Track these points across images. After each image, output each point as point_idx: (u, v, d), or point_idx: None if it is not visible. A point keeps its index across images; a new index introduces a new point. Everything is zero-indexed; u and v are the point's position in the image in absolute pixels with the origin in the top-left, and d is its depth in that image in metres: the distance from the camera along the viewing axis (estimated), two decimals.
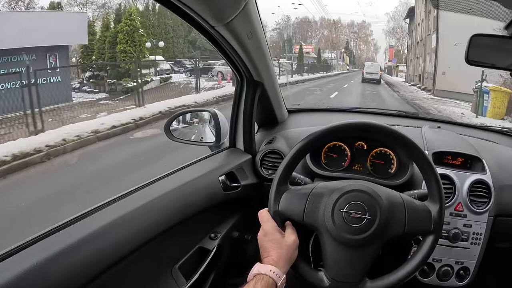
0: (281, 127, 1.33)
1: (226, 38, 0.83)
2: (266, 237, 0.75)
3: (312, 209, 0.76)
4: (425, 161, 0.80)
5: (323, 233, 0.75)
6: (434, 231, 0.78)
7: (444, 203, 0.79)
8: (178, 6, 0.68)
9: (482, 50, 0.88)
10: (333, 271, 0.75)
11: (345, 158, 1.17)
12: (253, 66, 0.99)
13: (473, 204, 1.07)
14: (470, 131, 1.47)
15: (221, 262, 1.01)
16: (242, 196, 1.05)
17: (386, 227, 0.74)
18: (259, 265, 0.71)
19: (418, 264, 0.77)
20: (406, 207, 0.77)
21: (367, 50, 47.34)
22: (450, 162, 1.14)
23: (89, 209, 0.73)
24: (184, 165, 1.00)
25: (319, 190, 0.78)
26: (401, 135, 0.80)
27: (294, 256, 0.76)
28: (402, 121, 1.50)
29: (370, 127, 0.82)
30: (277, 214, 0.77)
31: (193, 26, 0.78)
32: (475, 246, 1.08)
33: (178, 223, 0.84)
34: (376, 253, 0.76)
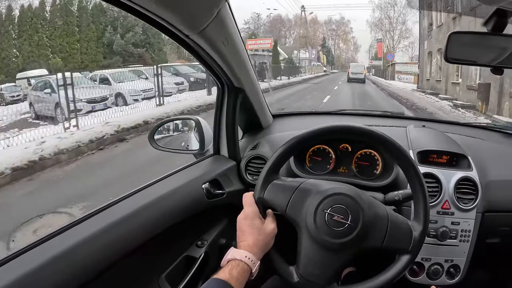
0: (265, 132, 1.31)
1: (201, 46, 0.82)
2: (246, 221, 0.75)
3: (296, 203, 0.76)
4: (417, 179, 0.79)
5: (302, 229, 0.75)
6: (411, 251, 0.76)
7: (427, 226, 0.78)
8: (149, 16, 0.67)
9: (461, 47, 0.86)
10: (303, 269, 0.75)
11: (329, 161, 1.16)
12: (232, 73, 0.97)
13: (460, 202, 1.06)
14: (455, 128, 1.46)
15: (209, 270, 0.99)
16: (228, 203, 1.04)
17: (365, 236, 0.74)
18: (233, 250, 0.71)
19: (387, 280, 0.76)
20: (389, 222, 0.76)
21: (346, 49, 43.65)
22: (435, 160, 1.13)
23: (72, 221, 0.71)
24: (168, 174, 0.99)
25: (307, 186, 0.78)
26: (391, 141, 0.80)
27: (270, 244, 0.76)
28: (388, 122, 1.50)
29: (352, 130, 0.81)
30: (261, 201, 0.78)
31: (168, 35, 0.76)
32: (464, 243, 1.07)
33: (163, 232, 0.83)
34: (349, 260, 0.75)
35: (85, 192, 3.75)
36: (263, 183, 0.78)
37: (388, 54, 27.71)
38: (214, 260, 1.02)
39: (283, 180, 0.80)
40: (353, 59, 41.30)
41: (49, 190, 4.20)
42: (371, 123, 1.34)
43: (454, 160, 1.13)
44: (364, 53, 41.40)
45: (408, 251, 0.76)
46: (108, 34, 19.29)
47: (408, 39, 31.98)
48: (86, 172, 4.74)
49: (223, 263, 0.69)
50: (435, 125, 1.44)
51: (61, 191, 4.05)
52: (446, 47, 0.82)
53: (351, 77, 22.58)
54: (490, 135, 1.45)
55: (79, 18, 18.21)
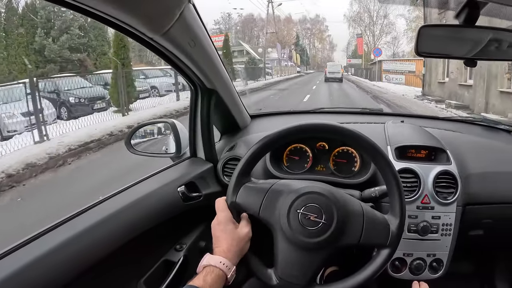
0: (243, 133, 1.30)
1: (167, 48, 0.80)
2: (219, 226, 0.74)
3: (268, 205, 0.74)
4: (392, 174, 0.78)
5: (277, 231, 0.73)
6: (389, 245, 0.75)
7: (404, 219, 0.77)
8: (110, 20, 0.65)
9: (433, 41, 0.85)
10: (282, 271, 0.73)
11: (307, 159, 1.15)
12: (202, 74, 0.95)
13: (440, 196, 1.05)
14: (434, 123, 1.47)
15: (189, 274, 0.98)
16: (205, 205, 1.01)
17: (341, 234, 0.72)
18: (209, 256, 0.70)
19: (368, 276, 0.75)
20: (365, 217, 0.74)
21: (322, 49, 42.58)
22: (414, 155, 1.13)
23: (46, 227, 0.70)
24: (143, 178, 0.97)
25: (278, 187, 0.76)
26: (361, 137, 0.78)
27: (246, 248, 0.74)
28: (367, 118, 1.49)
29: (323, 128, 0.79)
30: (233, 205, 0.76)
31: (132, 38, 0.74)
32: (446, 237, 1.06)
33: (140, 237, 0.82)
34: (327, 258, 0.74)
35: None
36: (235, 187, 0.77)
37: (375, 49, 25.29)
38: (194, 263, 0.99)
39: (255, 183, 0.79)
40: (329, 59, 40.32)
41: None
42: (350, 120, 1.34)
43: (432, 154, 1.13)
44: (340, 52, 40.65)
45: (386, 246, 0.75)
46: (38, 38, 15.70)
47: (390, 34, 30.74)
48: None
49: (198, 269, 0.68)
50: (414, 120, 1.44)
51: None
52: (416, 40, 0.80)
53: (329, 76, 22.74)
54: (469, 128, 1.46)
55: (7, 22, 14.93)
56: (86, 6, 0.58)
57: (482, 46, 0.90)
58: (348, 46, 37.55)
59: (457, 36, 0.88)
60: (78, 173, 4.75)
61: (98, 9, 0.60)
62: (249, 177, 0.79)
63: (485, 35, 0.90)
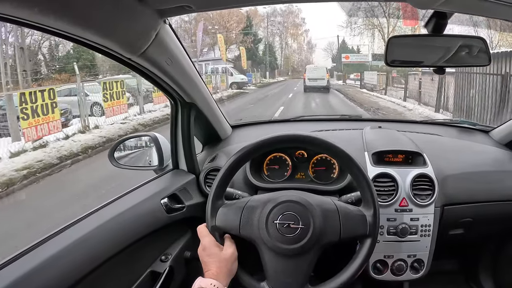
0: (224, 143, 1.30)
1: (145, 67, 0.81)
2: (205, 252, 0.75)
3: (247, 222, 0.75)
4: (353, 165, 0.79)
5: (260, 244, 0.75)
6: (370, 234, 0.77)
7: (377, 206, 0.78)
8: (87, 42, 0.65)
9: (403, 50, 0.86)
10: (273, 281, 0.74)
11: (286, 168, 1.16)
12: (181, 89, 0.96)
13: (417, 198, 1.06)
14: (412, 126, 1.48)
15: (175, 284, 0.98)
16: (189, 217, 1.02)
17: (321, 234, 0.73)
18: (200, 279, 0.70)
19: (357, 268, 0.76)
20: (340, 214, 0.76)
21: (299, 49, 30.45)
22: (391, 160, 1.14)
23: (32, 244, 0.70)
24: (127, 191, 0.97)
25: (253, 203, 0.77)
26: (325, 142, 0.79)
27: (234, 268, 0.76)
28: (345, 125, 1.49)
29: (296, 139, 0.80)
30: (214, 229, 0.77)
31: (110, 58, 0.75)
32: (425, 237, 1.07)
33: (125, 249, 0.82)
34: (314, 260, 0.75)
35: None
36: (211, 211, 0.77)
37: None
38: (180, 274, 1.00)
39: (230, 204, 0.80)
40: (307, 62, 28.66)
41: None
42: (329, 127, 1.34)
43: (409, 158, 1.14)
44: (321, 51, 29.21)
45: (367, 235, 0.77)
46: None
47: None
48: None
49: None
50: (391, 125, 1.45)
51: None
52: (386, 50, 0.82)
53: (309, 84, 15.71)
54: (447, 131, 1.47)
55: None
56: (65, 32, 0.59)
57: (452, 53, 0.91)
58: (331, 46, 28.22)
59: (426, 44, 0.90)
60: None
61: (76, 34, 0.60)
62: (223, 200, 0.80)
63: (455, 43, 0.91)
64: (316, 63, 23.95)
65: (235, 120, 1.46)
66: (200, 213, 0.79)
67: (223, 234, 0.78)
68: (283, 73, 29.86)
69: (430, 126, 1.53)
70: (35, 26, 0.55)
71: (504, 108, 6.05)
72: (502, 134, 1.36)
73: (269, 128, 1.55)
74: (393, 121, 1.70)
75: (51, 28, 0.56)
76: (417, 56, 0.89)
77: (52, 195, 3.89)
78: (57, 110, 5.80)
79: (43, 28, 0.56)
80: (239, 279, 0.76)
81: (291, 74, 29.53)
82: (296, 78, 26.31)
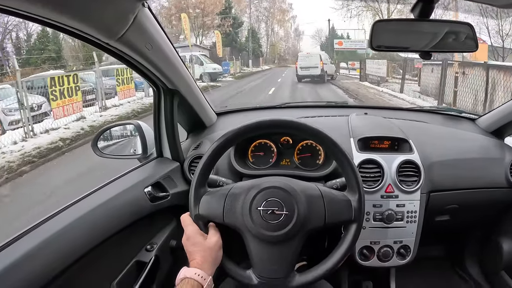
0: (209, 131, 1.28)
1: (124, 52, 0.77)
2: (189, 241, 0.74)
3: (230, 209, 0.74)
4: (338, 150, 0.77)
5: (244, 232, 0.74)
6: (355, 219, 0.76)
7: (362, 191, 0.77)
8: (63, 27, 0.63)
9: (389, 35, 0.84)
10: (259, 269, 0.74)
11: (272, 154, 1.15)
12: (163, 75, 0.93)
13: (403, 184, 1.06)
14: (398, 113, 1.48)
15: (162, 273, 0.97)
16: (174, 205, 1.01)
17: (305, 220, 0.73)
18: (185, 269, 0.70)
19: (343, 254, 0.76)
20: (325, 199, 0.75)
21: (286, 37, 29.16)
22: (377, 146, 1.13)
23: (13, 237, 0.68)
24: (109, 180, 0.95)
25: (236, 190, 0.76)
26: (309, 127, 0.77)
27: (219, 256, 0.75)
28: (331, 112, 1.49)
29: (280, 124, 0.78)
30: (198, 217, 0.76)
31: (88, 43, 0.71)
32: (412, 224, 1.08)
33: (110, 239, 0.81)
34: (299, 246, 0.74)
35: None
36: (194, 200, 0.76)
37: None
38: (166, 263, 0.99)
39: (213, 191, 0.78)
40: (295, 49, 27.47)
41: None
42: (315, 114, 1.33)
43: (395, 144, 1.14)
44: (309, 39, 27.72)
45: (352, 220, 0.76)
46: None
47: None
48: None
49: (176, 283, 0.69)
50: (377, 112, 1.45)
51: None
52: (371, 35, 0.80)
53: (301, 74, 14.87)
54: (433, 118, 1.47)
55: None
56: (39, 16, 0.56)
57: (439, 39, 0.90)
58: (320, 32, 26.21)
59: (412, 29, 0.88)
60: None
61: (51, 19, 0.58)
62: (206, 187, 0.78)
63: (442, 28, 0.90)
64: (305, 50, 21.30)
65: (220, 107, 1.43)
66: (185, 201, 0.78)
67: (207, 223, 0.77)
68: (269, 61, 27.78)
69: (417, 113, 1.52)
70: (8, 11, 0.52)
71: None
72: (489, 122, 1.36)
73: (254, 115, 1.53)
74: (379, 108, 1.70)
75: (25, 12, 0.54)
76: (403, 41, 0.87)
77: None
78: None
79: (16, 13, 0.54)
80: (225, 268, 0.75)
81: (278, 62, 27.85)
82: (283, 67, 24.66)
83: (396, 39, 0.86)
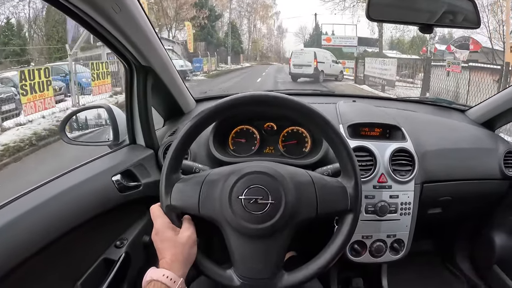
0: (187, 117, 1.18)
1: (87, 13, 0.65)
2: (158, 236, 0.64)
3: (207, 199, 0.63)
4: (332, 130, 0.66)
5: (224, 225, 0.63)
6: (351, 209, 0.66)
7: (359, 176, 0.67)
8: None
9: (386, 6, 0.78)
10: (241, 268, 0.63)
11: (254, 141, 1.06)
12: (134, 48, 0.81)
13: (397, 174, 0.99)
14: (386, 103, 1.44)
15: (132, 272, 0.87)
16: (146, 196, 0.90)
17: (294, 211, 0.62)
18: (152, 270, 0.60)
19: (339, 248, 0.66)
20: (316, 185, 0.65)
21: (269, 34, 27.97)
22: (368, 133, 1.06)
23: None
24: (72, 168, 0.84)
25: (213, 177, 0.66)
26: (297, 103, 0.65)
27: (192, 254, 0.64)
28: (318, 99, 1.42)
29: (262, 100, 0.66)
30: (169, 209, 0.65)
31: (47, 2, 0.61)
32: (406, 216, 1.01)
33: (72, 233, 0.70)
34: (287, 241, 0.64)
35: None
36: (166, 188, 0.65)
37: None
38: (138, 261, 0.90)
39: (187, 179, 0.67)
40: (277, 47, 26.87)
41: None
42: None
43: (387, 132, 1.07)
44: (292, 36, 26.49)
45: (348, 210, 0.66)
46: None
47: None
48: None
49: (143, 286, 0.60)
50: (366, 101, 1.40)
51: None
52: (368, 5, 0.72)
53: (294, 72, 13.67)
54: (422, 108, 1.43)
55: None
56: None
57: (441, 14, 0.84)
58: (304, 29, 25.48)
59: (413, 2, 0.82)
60: None
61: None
62: (179, 174, 0.68)
63: (443, 3, 0.84)
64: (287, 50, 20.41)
65: (200, 93, 1.33)
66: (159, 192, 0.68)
67: (181, 215, 0.66)
68: (251, 58, 26.65)
69: (406, 103, 1.48)
70: None
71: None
72: (479, 114, 1.34)
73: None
74: (367, 97, 1.64)
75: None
76: (403, 14, 0.82)
77: None
78: None
79: None
80: (201, 267, 0.65)
81: (259, 60, 26.84)
82: (265, 64, 23.63)
83: (395, 11, 0.80)
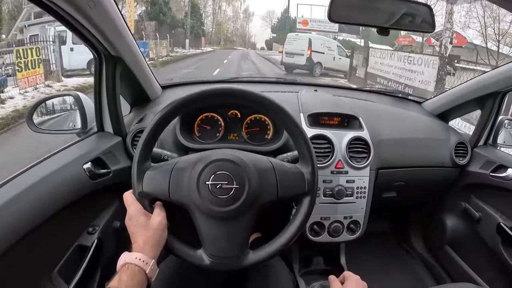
0: (153, 104, 1.19)
1: (63, 8, 0.66)
2: (131, 222, 0.67)
3: (176, 185, 0.68)
4: (291, 121, 0.72)
5: (192, 209, 0.67)
6: (308, 192, 0.73)
7: (315, 163, 0.74)
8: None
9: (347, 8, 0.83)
10: (210, 248, 0.68)
11: (219, 128, 1.10)
12: (105, 39, 0.82)
13: (353, 160, 1.07)
14: (347, 92, 1.49)
15: (105, 257, 0.90)
16: (116, 182, 0.93)
17: (257, 194, 0.68)
18: (126, 254, 0.64)
19: (298, 227, 0.72)
20: (277, 171, 0.71)
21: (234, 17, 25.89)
22: (327, 122, 1.12)
23: None
24: (43, 158, 0.84)
25: (182, 164, 0.70)
26: (258, 95, 0.71)
27: (163, 237, 0.68)
28: (281, 88, 1.46)
29: (225, 92, 0.71)
30: (142, 195, 0.69)
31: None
32: (361, 199, 1.10)
33: (46, 222, 0.72)
34: (251, 222, 0.70)
35: None
36: (137, 175, 0.69)
37: None
38: (110, 246, 0.93)
39: (157, 166, 0.71)
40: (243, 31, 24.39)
41: None
42: (265, 89, 1.29)
43: (345, 121, 1.14)
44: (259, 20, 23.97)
45: (306, 193, 0.73)
46: None
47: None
48: None
49: (118, 269, 0.63)
50: (327, 89, 1.45)
51: None
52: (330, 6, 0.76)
53: (286, 61, 11.74)
54: (381, 98, 1.50)
55: None
56: None
57: (398, 17, 0.89)
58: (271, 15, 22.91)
59: (372, 5, 0.87)
60: None
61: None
62: (149, 162, 0.71)
63: (401, 7, 0.89)
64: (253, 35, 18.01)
65: (166, 79, 1.33)
66: (128, 178, 0.70)
67: (153, 201, 0.70)
68: (214, 42, 23.88)
69: (366, 94, 1.54)
70: None
71: None
72: (434, 106, 1.41)
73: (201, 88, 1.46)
74: (329, 86, 1.70)
75: None
76: (362, 16, 0.86)
77: None
78: None
79: None
80: (172, 249, 0.69)
81: (223, 44, 24.46)
82: (229, 49, 21.21)
83: (355, 14, 0.84)
